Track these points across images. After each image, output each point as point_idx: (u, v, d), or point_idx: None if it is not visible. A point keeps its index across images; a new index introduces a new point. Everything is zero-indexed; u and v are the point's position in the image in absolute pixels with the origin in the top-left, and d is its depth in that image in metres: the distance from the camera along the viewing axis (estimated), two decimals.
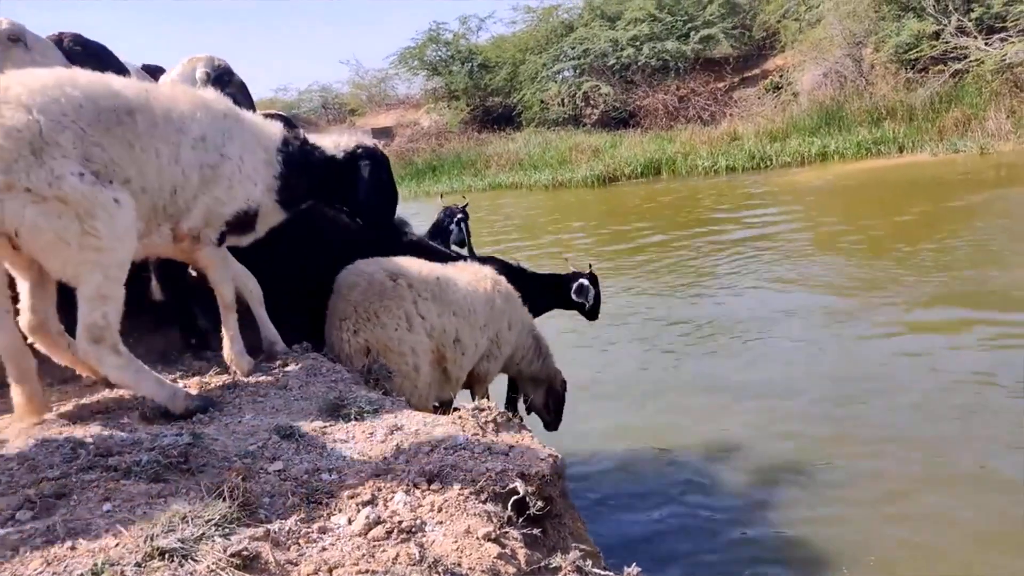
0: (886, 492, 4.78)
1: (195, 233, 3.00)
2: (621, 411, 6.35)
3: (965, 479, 4.77)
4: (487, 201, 21.12)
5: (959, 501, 4.55)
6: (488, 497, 2.29)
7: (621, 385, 6.87)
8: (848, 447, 5.34)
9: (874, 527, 4.46)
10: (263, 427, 2.65)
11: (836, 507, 4.69)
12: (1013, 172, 15.02)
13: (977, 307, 7.53)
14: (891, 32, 20.68)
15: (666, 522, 4.77)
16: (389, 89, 35.62)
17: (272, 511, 2.14)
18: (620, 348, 7.79)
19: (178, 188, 2.84)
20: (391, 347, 3.43)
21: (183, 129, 2.83)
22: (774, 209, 14.29)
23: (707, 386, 6.63)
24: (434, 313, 3.60)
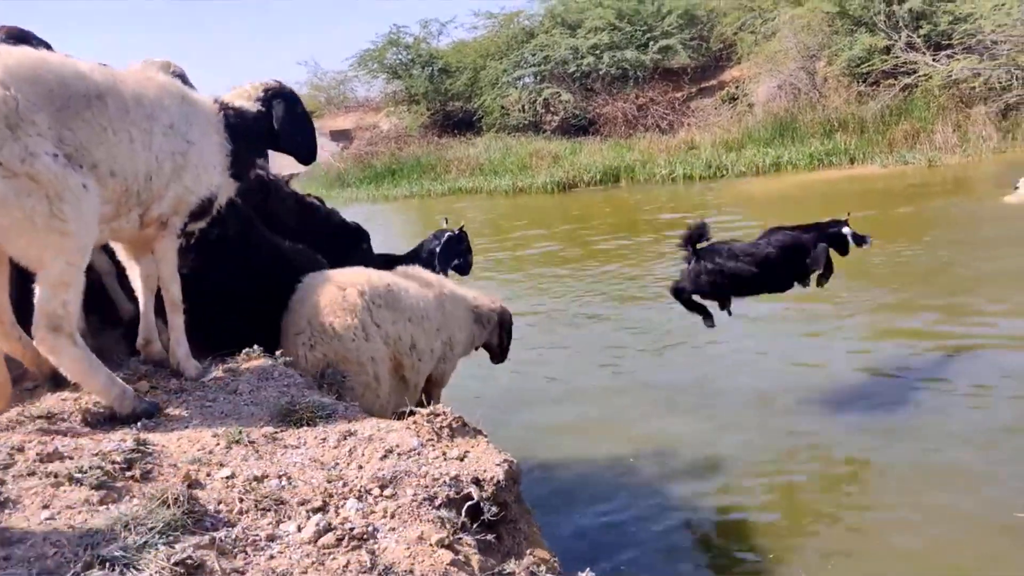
0: (842, 492, 4.89)
1: (164, 219, 2.97)
2: (579, 415, 6.36)
3: (914, 475, 4.90)
4: (445, 205, 21.08)
5: (910, 497, 4.66)
6: (442, 503, 2.27)
7: (579, 388, 6.89)
8: (803, 449, 5.44)
9: (829, 527, 4.55)
10: (211, 432, 2.59)
11: (793, 508, 4.77)
12: (960, 184, 15.51)
13: (921, 311, 7.77)
14: (844, 46, 21.20)
15: (623, 527, 4.78)
16: (348, 91, 35.32)
17: (219, 519, 2.08)
18: (578, 351, 7.82)
19: (153, 175, 2.81)
20: (350, 358, 3.41)
21: (153, 115, 2.80)
22: (729, 216, 14.52)
23: (664, 389, 6.68)
24: (389, 321, 3.58)
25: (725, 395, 6.43)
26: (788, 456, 5.40)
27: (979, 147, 17.76)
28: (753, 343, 7.38)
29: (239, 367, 3.17)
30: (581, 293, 10.08)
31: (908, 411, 5.80)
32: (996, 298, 7.88)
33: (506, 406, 6.48)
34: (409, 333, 3.69)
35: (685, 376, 6.89)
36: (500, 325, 4.75)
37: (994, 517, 4.38)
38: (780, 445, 5.52)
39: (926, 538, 4.32)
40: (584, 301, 9.71)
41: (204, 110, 3.10)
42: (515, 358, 5.35)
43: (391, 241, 15.60)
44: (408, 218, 20.90)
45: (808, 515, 4.70)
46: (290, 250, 3.84)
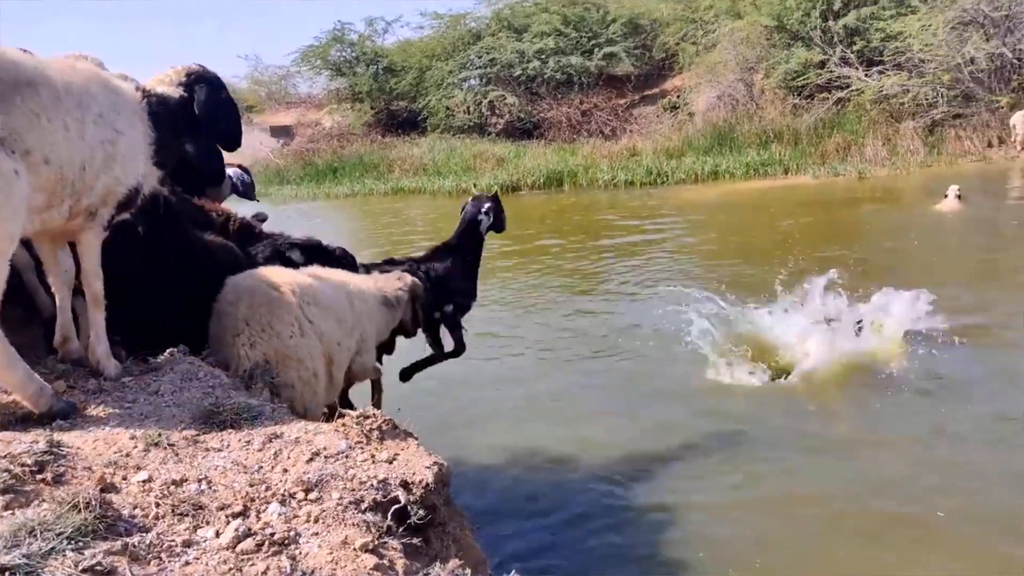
0: (784, 497, 5.00)
1: (92, 210, 2.87)
2: (519, 419, 6.38)
3: (856, 476, 5.07)
4: (388, 204, 20.91)
5: (850, 503, 4.81)
6: (368, 507, 2.23)
7: (519, 392, 6.91)
8: (741, 454, 5.55)
9: (761, 524, 4.66)
10: (129, 434, 2.50)
11: (730, 513, 4.87)
12: (888, 195, 16.10)
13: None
14: (780, 60, 21.79)
15: (559, 528, 4.81)
16: (290, 87, 34.71)
17: (133, 524, 2.01)
18: (519, 354, 7.83)
19: (87, 165, 2.73)
20: (290, 355, 3.40)
21: (83, 104, 2.72)
22: (668, 222, 14.78)
23: (602, 390, 6.76)
24: (319, 318, 3.60)
25: (663, 395, 6.54)
26: (723, 457, 5.51)
27: (907, 160, 18.46)
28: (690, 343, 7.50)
29: (162, 367, 3.07)
30: (524, 295, 10.10)
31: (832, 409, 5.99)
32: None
33: (442, 407, 6.45)
34: (334, 329, 3.72)
35: (620, 377, 6.98)
36: (412, 301, 4.64)
37: (920, 513, 4.56)
38: (712, 445, 5.66)
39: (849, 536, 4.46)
40: (527, 304, 9.74)
41: (129, 98, 3.01)
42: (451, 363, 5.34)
43: (335, 241, 15.39)
44: (350, 216, 20.65)
45: (741, 513, 4.82)
46: (214, 245, 3.73)
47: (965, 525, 4.44)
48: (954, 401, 5.99)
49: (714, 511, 4.89)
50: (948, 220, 12.84)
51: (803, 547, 4.46)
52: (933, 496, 4.74)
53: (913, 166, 18.14)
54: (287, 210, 19.42)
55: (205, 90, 3.32)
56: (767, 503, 4.95)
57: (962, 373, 6.48)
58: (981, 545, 4.28)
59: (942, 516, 4.54)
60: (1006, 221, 12.88)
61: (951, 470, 5.06)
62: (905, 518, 4.59)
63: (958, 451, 5.29)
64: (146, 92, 3.11)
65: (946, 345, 6.91)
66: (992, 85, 19.25)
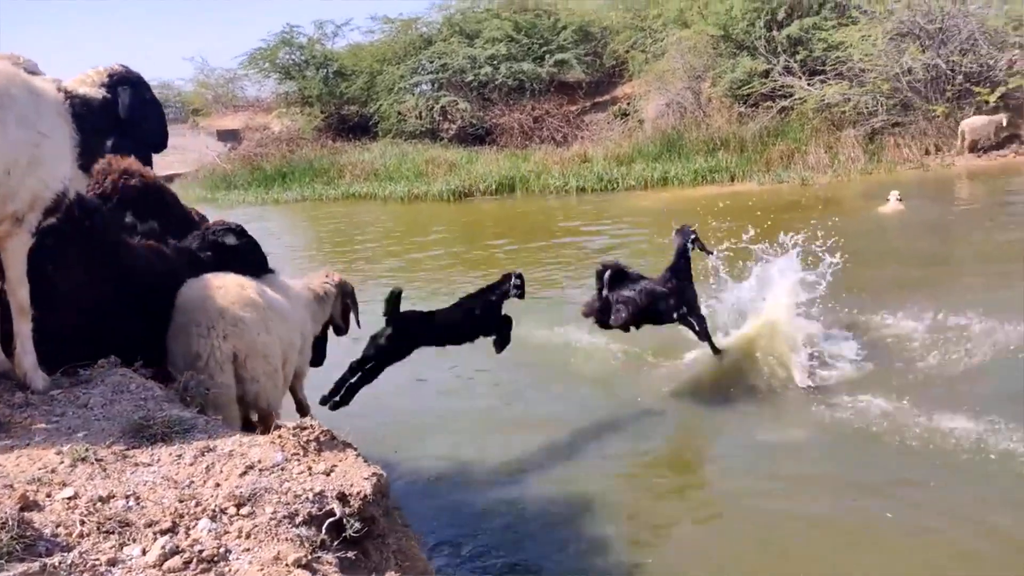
0: (727, 495, 5.12)
1: (19, 216, 2.79)
2: (464, 427, 6.36)
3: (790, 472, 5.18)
4: (338, 210, 20.69)
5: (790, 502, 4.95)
6: (303, 520, 2.20)
7: (464, 400, 6.89)
8: (687, 454, 5.64)
9: (698, 517, 4.74)
10: (55, 450, 2.42)
11: (674, 525, 4.95)
12: (829, 202, 16.51)
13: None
14: (727, 69, 22.19)
15: (511, 536, 4.82)
16: (237, 90, 34.12)
17: (55, 543, 1.94)
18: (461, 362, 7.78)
19: (11, 169, 2.65)
20: (258, 350, 3.62)
21: (4, 106, 2.64)
22: (621, 227, 14.95)
23: (549, 398, 6.78)
24: (276, 318, 3.85)
25: (606, 400, 6.61)
26: (669, 457, 5.60)
27: (848, 168, 18.93)
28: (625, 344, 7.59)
29: (92, 379, 2.98)
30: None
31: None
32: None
33: (389, 416, 6.40)
34: (286, 329, 3.95)
35: (565, 382, 7.01)
36: (342, 297, 4.85)
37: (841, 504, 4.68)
38: (657, 446, 5.79)
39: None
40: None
41: (51, 99, 2.92)
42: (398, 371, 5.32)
43: (281, 246, 15.18)
44: (296, 222, 20.36)
45: (687, 513, 4.93)
46: (149, 253, 3.64)
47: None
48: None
49: (661, 510, 4.99)
50: (890, 221, 13.51)
51: (757, 544, 4.56)
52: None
53: (854, 173, 18.61)
54: (235, 215, 19.05)
55: (129, 91, 3.25)
56: (713, 504, 5.05)
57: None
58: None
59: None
60: (944, 223, 13.63)
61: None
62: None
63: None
64: (68, 93, 3.03)
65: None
66: (928, 95, 19.89)
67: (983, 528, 4.48)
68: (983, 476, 4.96)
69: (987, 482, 4.90)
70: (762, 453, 5.63)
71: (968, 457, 5.17)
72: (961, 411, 5.70)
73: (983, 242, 11.59)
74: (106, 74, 3.26)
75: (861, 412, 5.97)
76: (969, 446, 5.28)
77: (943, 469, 5.08)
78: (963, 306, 7.56)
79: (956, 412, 5.69)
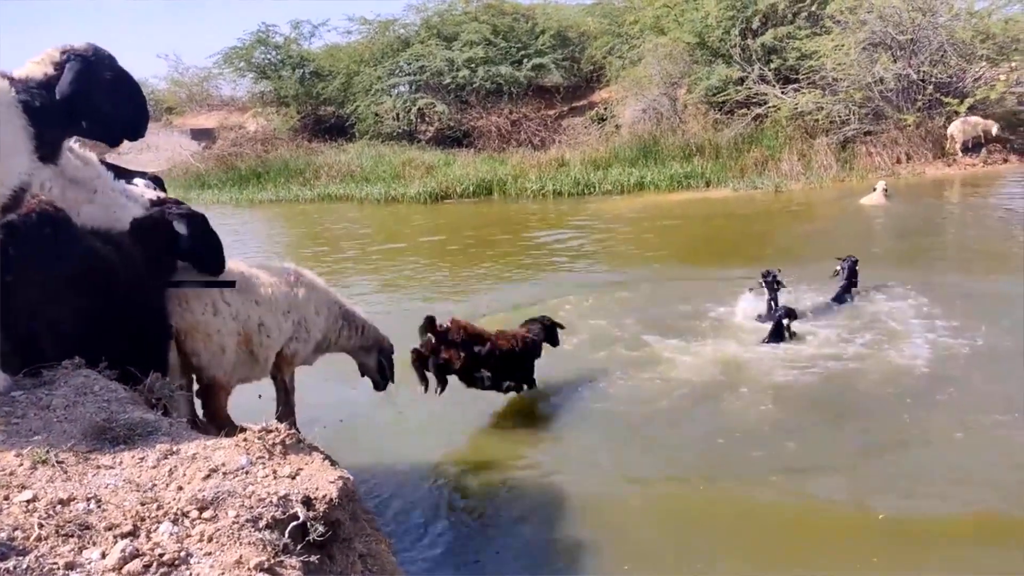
0: (698, 489, 5.16)
1: None
2: (433, 428, 6.35)
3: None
4: (313, 211, 20.57)
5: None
6: (267, 524, 2.18)
7: (438, 401, 6.88)
8: (656, 448, 5.69)
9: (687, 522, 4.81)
10: (15, 452, 2.39)
11: (647, 505, 5.03)
12: (802, 208, 16.74)
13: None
14: (702, 76, 22.40)
15: (485, 537, 4.81)
16: (212, 89, 33.80)
17: (11, 547, 1.92)
18: None
19: None
20: (199, 328, 4.02)
21: None
22: (595, 232, 15.02)
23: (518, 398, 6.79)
24: (239, 301, 4.22)
25: (574, 397, 6.64)
26: (638, 451, 5.64)
27: (820, 175, 19.20)
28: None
29: (55, 380, 2.94)
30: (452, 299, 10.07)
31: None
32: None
33: (360, 417, 6.38)
34: (257, 313, 4.33)
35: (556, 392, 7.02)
36: (379, 351, 5.49)
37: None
38: (627, 440, 5.86)
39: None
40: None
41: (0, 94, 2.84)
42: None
43: (258, 247, 15.06)
44: (273, 223, 20.22)
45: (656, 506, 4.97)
46: (107, 250, 3.57)
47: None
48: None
49: (633, 503, 5.04)
50: (872, 212, 14.71)
51: (725, 535, 4.62)
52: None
53: (826, 180, 18.88)
54: (209, 215, 18.83)
55: (75, 68, 2.94)
56: (684, 496, 5.11)
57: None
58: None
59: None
60: (926, 215, 14.65)
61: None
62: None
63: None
64: (14, 80, 2.89)
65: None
66: (900, 104, 20.22)
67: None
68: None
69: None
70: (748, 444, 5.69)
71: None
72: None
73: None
74: (59, 51, 2.99)
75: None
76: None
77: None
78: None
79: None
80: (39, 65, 2.99)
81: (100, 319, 3.31)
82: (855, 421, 6.05)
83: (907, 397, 6.31)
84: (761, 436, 5.81)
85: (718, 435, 5.88)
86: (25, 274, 3.05)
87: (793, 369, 7.03)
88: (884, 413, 6.09)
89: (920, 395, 6.35)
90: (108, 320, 3.34)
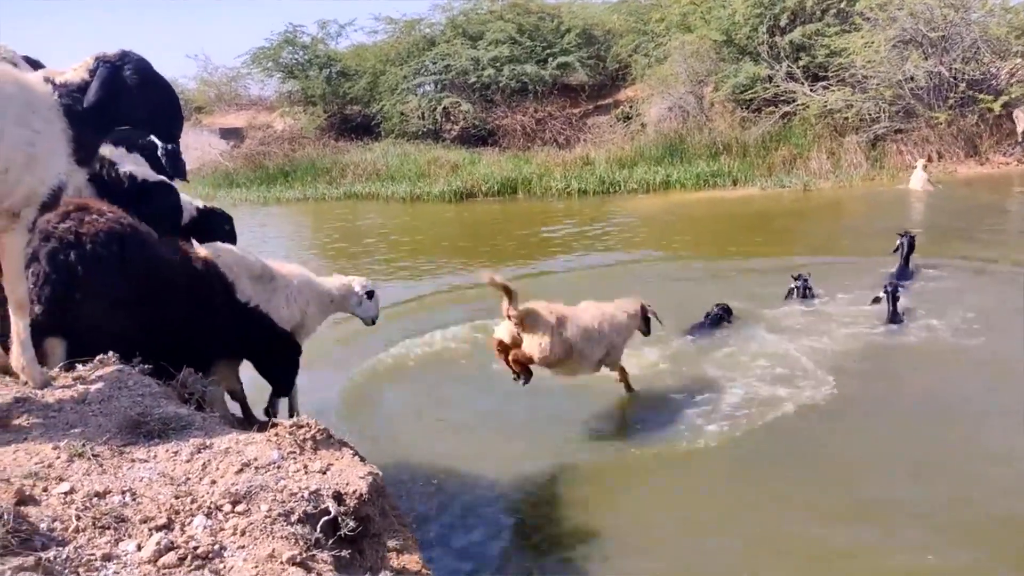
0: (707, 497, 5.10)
1: (15, 211, 2.80)
2: (463, 425, 6.36)
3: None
4: (340, 210, 20.70)
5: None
6: (298, 519, 2.20)
7: (464, 399, 6.89)
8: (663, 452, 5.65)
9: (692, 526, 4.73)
10: (52, 445, 2.43)
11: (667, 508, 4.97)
12: (833, 207, 16.56)
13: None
14: (729, 73, 22.19)
15: (512, 540, 4.81)
16: (240, 89, 34.11)
17: (51, 538, 1.95)
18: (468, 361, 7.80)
19: (9, 168, 2.67)
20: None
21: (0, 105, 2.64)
22: (621, 230, 14.96)
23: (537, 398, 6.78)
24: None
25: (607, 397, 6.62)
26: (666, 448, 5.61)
27: (850, 174, 18.94)
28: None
29: (90, 375, 2.98)
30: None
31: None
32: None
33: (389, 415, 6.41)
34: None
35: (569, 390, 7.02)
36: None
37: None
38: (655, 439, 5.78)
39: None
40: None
41: (42, 94, 2.91)
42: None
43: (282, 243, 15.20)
44: (301, 222, 20.37)
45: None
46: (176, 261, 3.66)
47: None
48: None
49: (653, 507, 5.01)
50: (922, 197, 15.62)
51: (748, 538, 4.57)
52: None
53: (856, 179, 18.63)
54: (237, 213, 19.04)
55: (101, 75, 3.04)
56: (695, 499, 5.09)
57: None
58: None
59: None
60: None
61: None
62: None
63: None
64: (56, 85, 2.98)
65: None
66: (931, 102, 19.90)
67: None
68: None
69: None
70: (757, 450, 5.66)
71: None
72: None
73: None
74: (94, 59, 3.11)
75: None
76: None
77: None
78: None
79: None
80: (77, 72, 3.09)
81: (168, 329, 3.38)
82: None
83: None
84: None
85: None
86: (93, 291, 3.13)
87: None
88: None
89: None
90: (175, 331, 3.42)
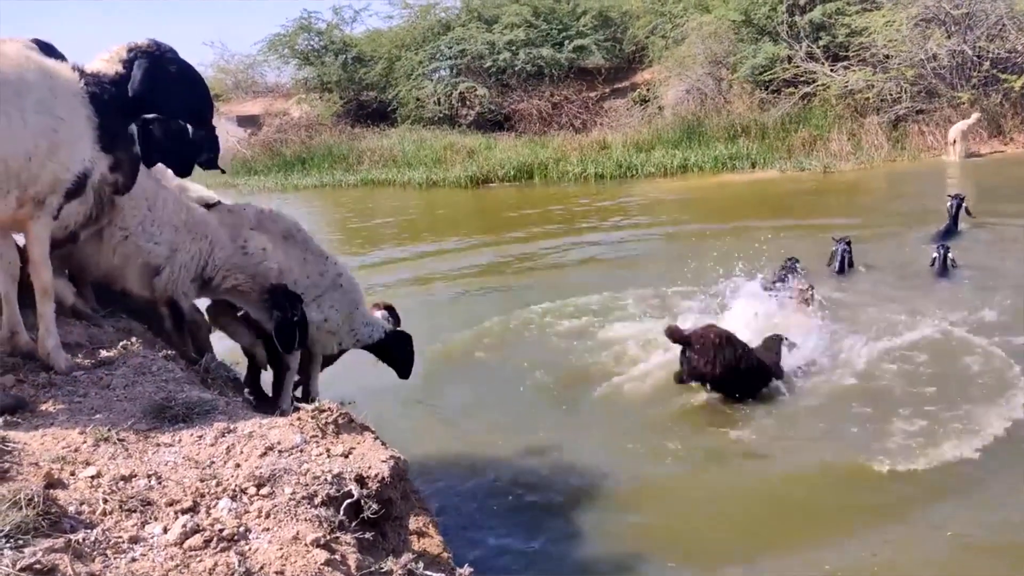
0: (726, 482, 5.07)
1: (40, 199, 2.83)
2: (485, 412, 6.38)
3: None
4: (357, 196, 20.74)
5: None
6: (322, 501, 2.22)
7: (485, 386, 6.91)
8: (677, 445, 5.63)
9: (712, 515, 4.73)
10: (79, 429, 2.46)
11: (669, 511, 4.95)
12: (852, 190, 16.35)
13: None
14: (748, 54, 21.93)
15: (532, 528, 4.81)
16: (257, 76, 34.17)
17: (79, 520, 1.98)
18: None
19: (32, 155, 2.69)
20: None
21: (21, 92, 2.66)
22: (639, 216, 14.89)
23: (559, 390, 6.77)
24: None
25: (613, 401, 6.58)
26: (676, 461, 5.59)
27: (871, 155, 18.71)
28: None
29: (114, 360, 3.01)
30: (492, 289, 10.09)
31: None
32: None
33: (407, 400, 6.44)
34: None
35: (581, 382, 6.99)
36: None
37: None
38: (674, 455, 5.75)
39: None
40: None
41: (67, 81, 2.93)
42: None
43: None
44: (315, 208, 20.45)
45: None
46: None
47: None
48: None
49: (682, 494, 5.02)
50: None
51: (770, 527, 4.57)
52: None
53: (878, 160, 18.39)
54: (256, 201, 19.13)
55: (144, 65, 3.11)
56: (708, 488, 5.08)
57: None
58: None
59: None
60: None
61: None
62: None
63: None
64: (83, 74, 3.01)
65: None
66: (954, 81, 19.58)
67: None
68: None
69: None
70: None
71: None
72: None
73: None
74: (126, 49, 3.16)
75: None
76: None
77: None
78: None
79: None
80: (108, 63, 3.13)
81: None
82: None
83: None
84: None
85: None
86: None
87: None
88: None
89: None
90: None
